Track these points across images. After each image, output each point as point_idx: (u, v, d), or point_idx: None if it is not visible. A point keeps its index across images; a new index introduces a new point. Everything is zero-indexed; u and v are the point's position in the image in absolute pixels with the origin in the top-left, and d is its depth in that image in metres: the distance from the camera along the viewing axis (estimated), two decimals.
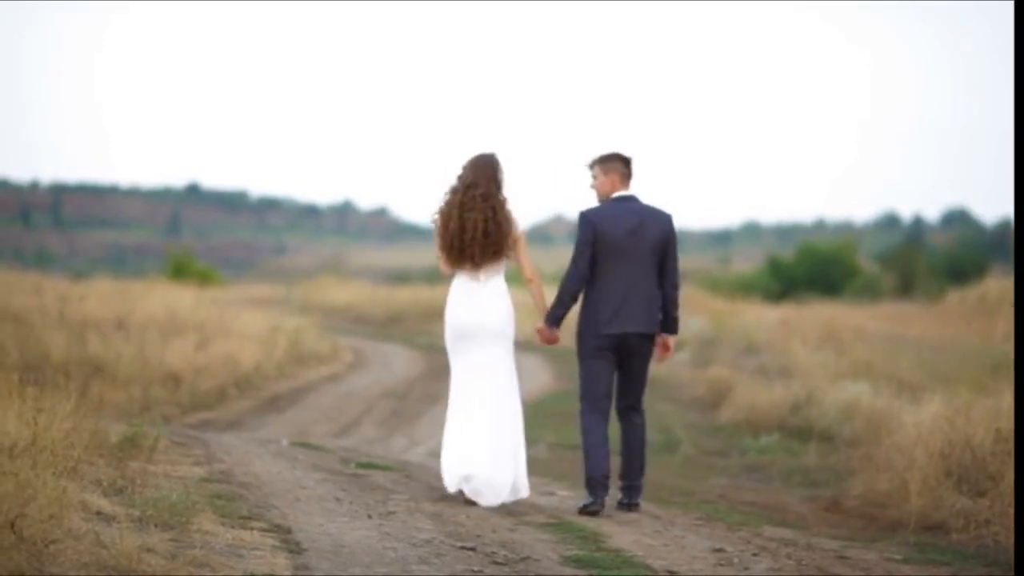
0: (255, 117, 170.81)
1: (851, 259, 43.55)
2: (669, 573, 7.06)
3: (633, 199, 8.97)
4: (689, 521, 8.97)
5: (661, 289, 8.92)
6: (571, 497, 9.48)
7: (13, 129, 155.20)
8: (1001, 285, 28.79)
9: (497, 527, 7.95)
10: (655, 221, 8.91)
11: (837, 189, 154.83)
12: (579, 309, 8.97)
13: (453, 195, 8.77)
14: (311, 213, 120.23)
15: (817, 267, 42.77)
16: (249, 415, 16.34)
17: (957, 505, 9.61)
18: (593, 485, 8.85)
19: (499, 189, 8.77)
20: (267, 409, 17.01)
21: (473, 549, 7.17)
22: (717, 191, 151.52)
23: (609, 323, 8.84)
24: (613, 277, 8.84)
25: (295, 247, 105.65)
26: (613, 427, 9.17)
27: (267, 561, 6.41)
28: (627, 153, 8.97)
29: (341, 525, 7.55)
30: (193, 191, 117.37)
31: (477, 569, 6.71)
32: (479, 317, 8.77)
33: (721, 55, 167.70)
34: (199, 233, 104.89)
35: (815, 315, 25.96)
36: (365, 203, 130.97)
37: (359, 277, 48.88)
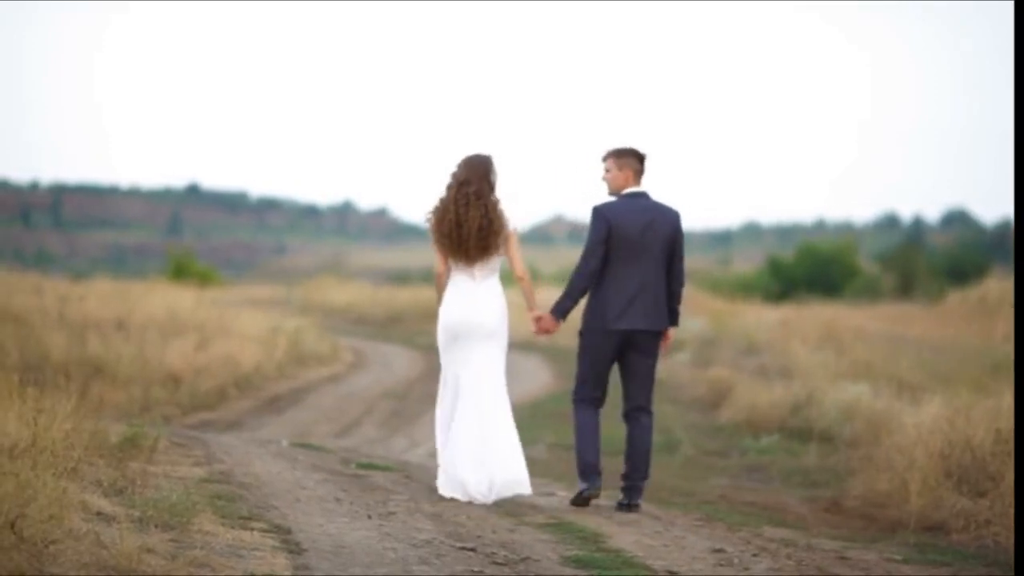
0: (255, 117, 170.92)
1: (851, 259, 43.55)
2: (669, 573, 7.06)
3: (644, 196, 9.01)
4: (689, 521, 8.96)
5: (667, 285, 8.96)
6: (571, 497, 9.48)
7: (13, 129, 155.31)
8: (1001, 286, 28.79)
9: (497, 527, 7.95)
10: (665, 218, 8.96)
11: (837, 189, 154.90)
12: (586, 303, 9.02)
13: (448, 192, 8.92)
14: (311, 213, 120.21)
15: (817, 267, 42.77)
16: (249, 415, 16.34)
17: (957, 505, 9.61)
18: (586, 473, 8.96)
19: (492, 188, 8.91)
20: (267, 410, 17.01)
21: (473, 550, 7.17)
22: (717, 191, 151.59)
23: (618, 319, 8.87)
24: (624, 273, 8.87)
25: (295, 247, 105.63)
26: (619, 427, 9.19)
27: (267, 561, 6.41)
28: (643, 150, 9.02)
29: (341, 525, 7.55)
30: (193, 191, 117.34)
31: (477, 569, 6.71)
32: (474, 316, 8.89)
33: (721, 55, 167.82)
34: (199, 233, 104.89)
35: (815, 315, 25.94)
36: (365, 203, 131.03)
37: (359, 277, 48.87)
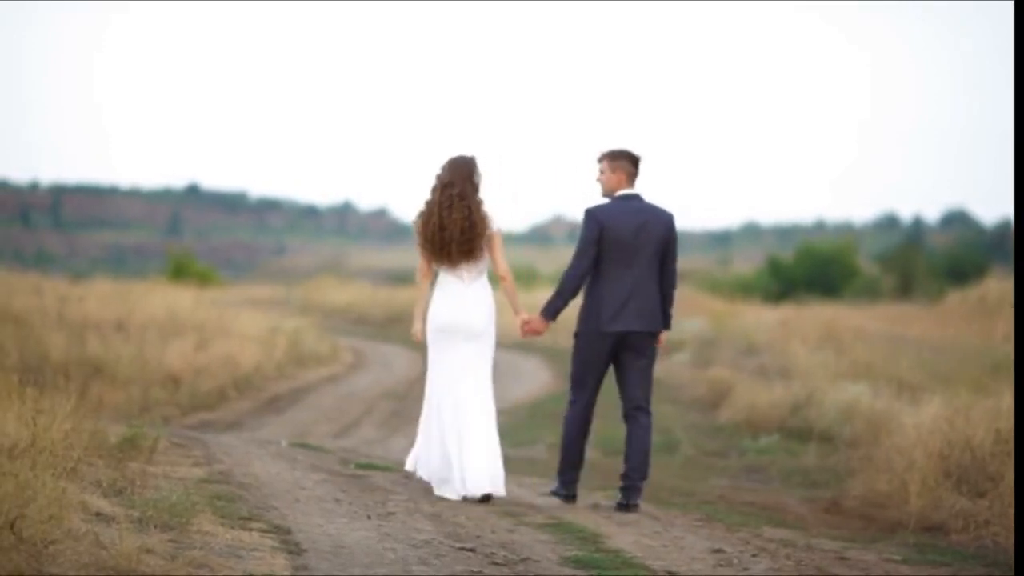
0: (255, 117, 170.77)
1: (851, 260, 43.54)
2: (668, 574, 7.06)
3: (637, 198, 9.04)
4: (689, 522, 8.97)
5: (660, 287, 8.98)
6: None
7: (13, 129, 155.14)
8: (1001, 286, 28.78)
9: (496, 528, 7.95)
10: (658, 220, 8.99)
11: (837, 190, 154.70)
12: (580, 305, 9.04)
13: (432, 195, 9.01)
14: (311, 214, 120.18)
15: (817, 268, 42.76)
16: (249, 416, 16.34)
17: (957, 506, 9.61)
18: (564, 478, 9.12)
19: (475, 190, 9.00)
20: (267, 410, 17.02)
21: (472, 550, 7.18)
22: (717, 192, 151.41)
23: (612, 321, 8.90)
24: (617, 275, 8.91)
25: (295, 248, 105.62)
26: (619, 427, 9.20)
27: (266, 562, 6.41)
28: (637, 152, 9.04)
29: (340, 526, 7.55)
30: (193, 192, 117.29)
31: (476, 570, 6.71)
32: (464, 316, 8.96)
33: (721, 55, 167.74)
34: (199, 234, 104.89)
35: (815, 316, 25.94)
36: (365, 204, 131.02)
37: (359, 278, 48.89)
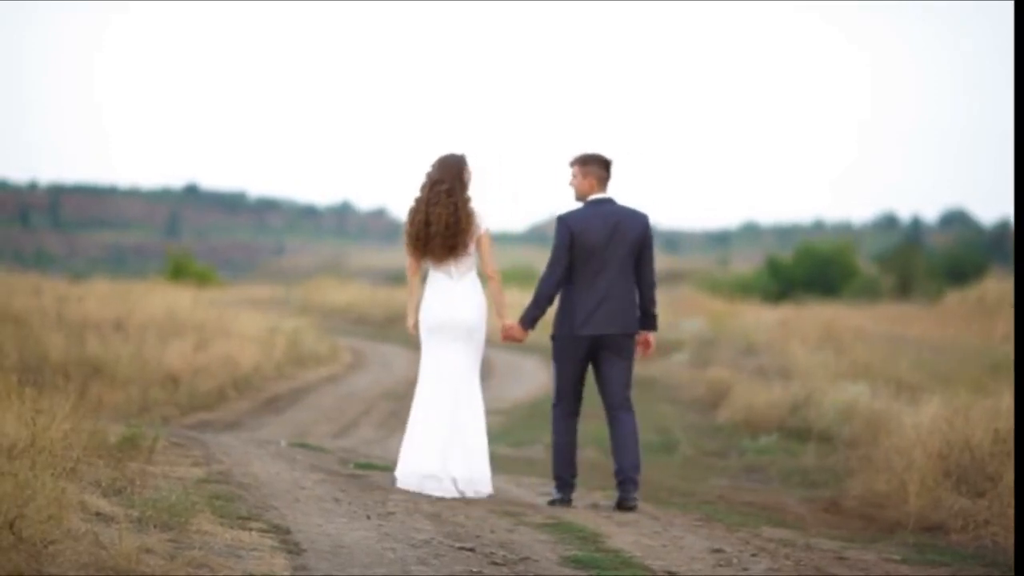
0: (254, 117, 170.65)
1: (850, 260, 43.55)
2: (668, 573, 7.06)
3: (610, 201, 9.10)
4: (688, 521, 8.96)
5: (638, 289, 9.02)
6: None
7: (13, 129, 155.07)
8: (1000, 286, 28.81)
9: (496, 527, 7.95)
10: (631, 223, 9.05)
11: (836, 189, 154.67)
12: (556, 311, 9.14)
13: (421, 192, 9.09)
14: (310, 214, 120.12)
15: (816, 268, 42.77)
16: (248, 416, 16.35)
17: (956, 506, 9.61)
18: (560, 484, 9.16)
19: (464, 188, 9.07)
20: (266, 410, 17.02)
21: (472, 550, 7.17)
22: (716, 192, 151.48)
23: (584, 325, 8.99)
24: (590, 280, 9.00)
25: (294, 248, 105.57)
26: (601, 427, 9.24)
27: (266, 562, 6.41)
28: (607, 155, 9.13)
29: (340, 526, 7.55)
30: (192, 192, 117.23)
31: (476, 570, 6.71)
32: (454, 312, 9.04)
33: (721, 55, 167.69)
34: (198, 234, 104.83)
35: (814, 316, 25.95)
36: (364, 203, 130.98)
37: (358, 278, 48.90)
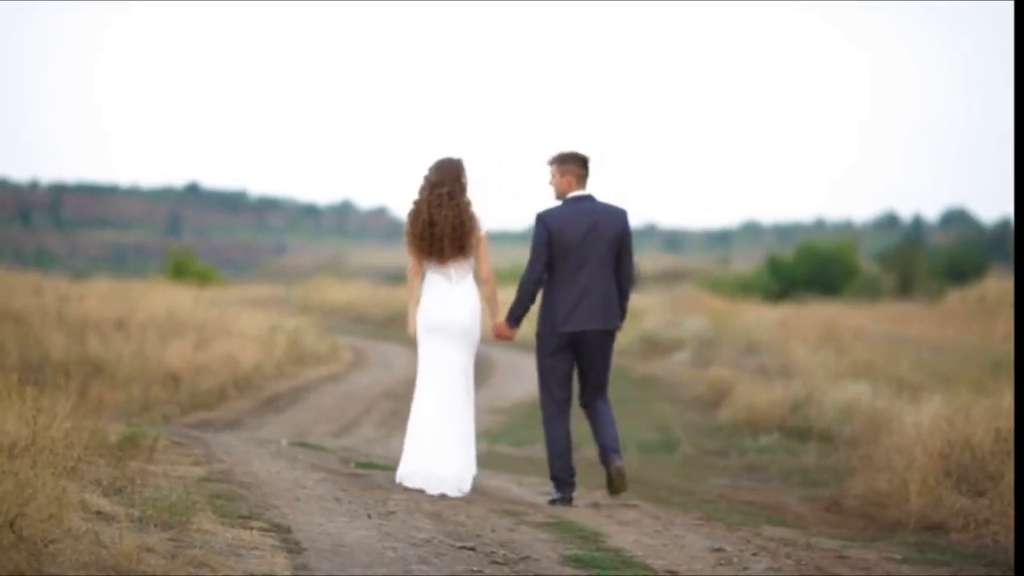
0: (255, 117, 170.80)
1: (851, 259, 43.56)
2: (668, 573, 7.06)
3: (589, 198, 9.17)
4: (689, 521, 8.97)
5: (616, 283, 9.06)
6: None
7: (13, 129, 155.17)
8: (1001, 285, 28.79)
9: (496, 527, 7.95)
10: (610, 219, 9.11)
11: (837, 189, 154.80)
12: (538, 308, 9.21)
13: (420, 194, 9.13)
14: (311, 213, 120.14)
15: (817, 267, 42.77)
16: (248, 415, 16.34)
17: (957, 505, 9.61)
18: (558, 484, 9.21)
19: (463, 191, 9.13)
20: (266, 409, 17.02)
21: (473, 549, 7.17)
22: (717, 191, 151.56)
23: (565, 322, 9.07)
24: (570, 277, 9.07)
25: (295, 247, 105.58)
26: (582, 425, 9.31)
27: (266, 561, 6.41)
28: (585, 153, 9.20)
29: (341, 525, 7.55)
30: (193, 191, 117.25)
31: (477, 569, 6.71)
32: (451, 315, 9.11)
33: (721, 54, 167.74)
34: (199, 233, 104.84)
35: (815, 315, 25.94)
36: (365, 203, 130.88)
37: (359, 277, 48.90)
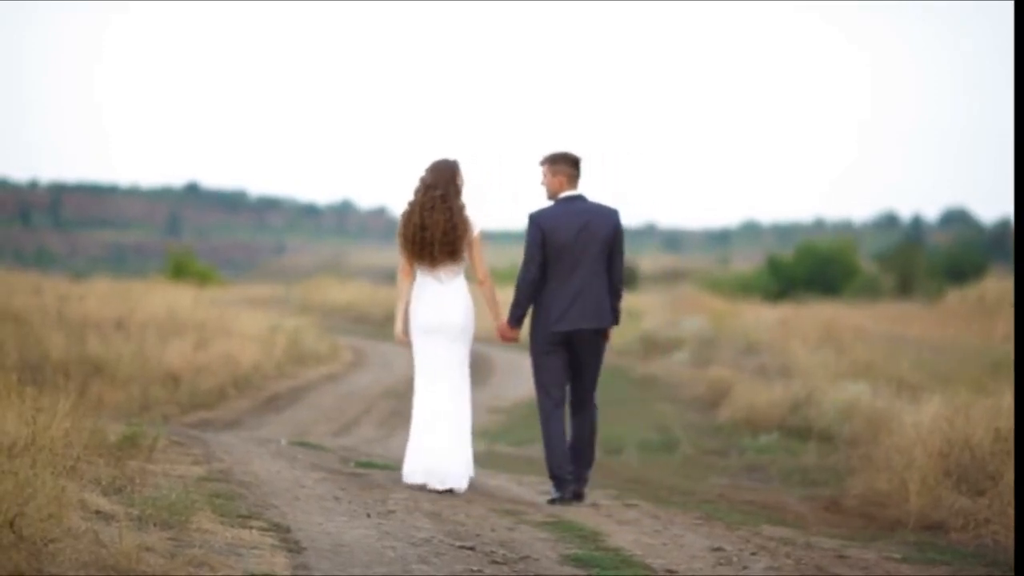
0: (255, 117, 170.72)
1: (850, 259, 43.57)
2: (668, 572, 7.06)
3: (580, 198, 9.22)
4: (688, 520, 8.97)
5: (608, 282, 9.11)
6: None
7: (13, 129, 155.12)
8: (1000, 285, 28.79)
9: (496, 526, 7.96)
10: (602, 219, 9.16)
11: (836, 189, 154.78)
12: (532, 308, 9.26)
13: (415, 196, 9.16)
14: (311, 213, 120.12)
15: (816, 267, 42.78)
16: (248, 415, 16.35)
17: (956, 504, 9.62)
18: (557, 482, 9.24)
19: (458, 193, 9.16)
20: (266, 408, 17.02)
21: (472, 548, 7.18)
22: (716, 191, 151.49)
23: (559, 321, 9.11)
24: (563, 277, 9.11)
25: (295, 247, 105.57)
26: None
27: (266, 560, 6.41)
28: (576, 153, 9.25)
29: (340, 524, 7.55)
30: (193, 191, 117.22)
31: (476, 568, 6.71)
32: (444, 317, 9.14)
33: (721, 54, 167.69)
34: (199, 233, 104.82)
35: (814, 315, 25.94)
36: (364, 203, 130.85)
37: (358, 277, 48.90)
